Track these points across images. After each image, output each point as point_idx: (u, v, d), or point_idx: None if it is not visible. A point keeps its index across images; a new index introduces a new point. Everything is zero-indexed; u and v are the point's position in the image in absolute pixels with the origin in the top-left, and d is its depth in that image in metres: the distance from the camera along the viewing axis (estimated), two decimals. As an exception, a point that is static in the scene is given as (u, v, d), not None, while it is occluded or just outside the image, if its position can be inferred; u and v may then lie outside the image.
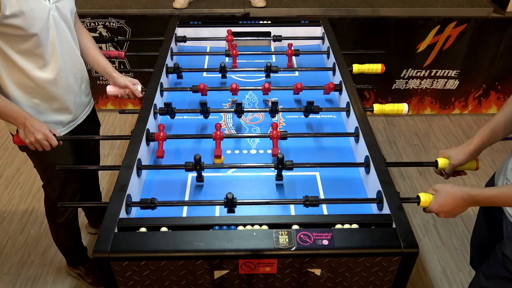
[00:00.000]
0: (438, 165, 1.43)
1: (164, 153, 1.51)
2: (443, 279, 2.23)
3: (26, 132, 1.50)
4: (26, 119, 1.49)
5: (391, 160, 2.95)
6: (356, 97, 1.67)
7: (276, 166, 1.39)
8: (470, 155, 1.40)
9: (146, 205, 1.27)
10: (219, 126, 1.54)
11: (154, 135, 1.51)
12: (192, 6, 2.96)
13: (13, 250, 2.34)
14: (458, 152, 1.40)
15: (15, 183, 2.75)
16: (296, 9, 2.94)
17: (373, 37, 2.98)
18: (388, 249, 1.13)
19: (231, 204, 1.24)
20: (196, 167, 1.38)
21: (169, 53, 2.00)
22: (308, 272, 1.17)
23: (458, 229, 2.48)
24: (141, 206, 1.28)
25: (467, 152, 1.39)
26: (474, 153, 1.40)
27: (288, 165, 1.39)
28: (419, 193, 1.29)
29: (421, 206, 1.29)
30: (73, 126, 1.74)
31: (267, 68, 1.90)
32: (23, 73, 1.50)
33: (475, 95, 3.33)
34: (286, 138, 1.53)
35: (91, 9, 2.88)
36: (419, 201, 1.28)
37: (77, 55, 1.68)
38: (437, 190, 1.27)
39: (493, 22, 2.94)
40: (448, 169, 1.42)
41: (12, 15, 1.37)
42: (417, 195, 1.28)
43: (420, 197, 1.27)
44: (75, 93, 1.69)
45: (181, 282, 1.18)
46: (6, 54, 1.45)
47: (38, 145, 1.53)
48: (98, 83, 3.21)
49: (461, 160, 1.40)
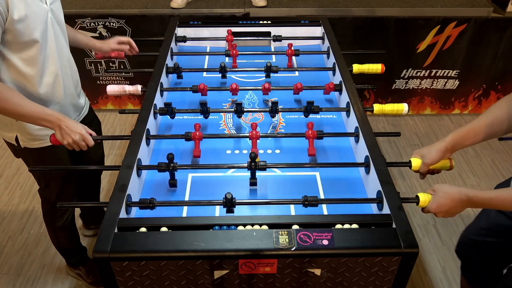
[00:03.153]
0: (412, 165, 1.38)
1: (200, 153, 1.51)
2: (443, 279, 2.23)
3: (63, 134, 1.46)
4: (61, 120, 1.46)
5: (391, 160, 2.95)
6: (356, 97, 1.67)
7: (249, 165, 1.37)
8: (442, 153, 1.35)
9: (145, 205, 1.26)
10: (255, 126, 1.54)
11: (190, 135, 1.51)
12: (192, 6, 2.96)
13: (13, 250, 2.34)
14: (430, 151, 1.36)
15: (15, 183, 2.75)
16: (296, 9, 2.94)
17: (373, 37, 2.98)
18: (388, 249, 1.13)
19: (230, 204, 1.24)
20: (169, 167, 1.37)
21: (169, 53, 2.00)
22: (308, 272, 1.17)
23: (458, 229, 2.48)
24: (140, 206, 1.28)
25: (439, 150, 1.35)
26: (446, 151, 1.36)
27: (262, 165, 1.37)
28: (418, 193, 1.29)
29: (420, 206, 1.29)
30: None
31: (267, 68, 1.90)
32: (26, 79, 1.49)
33: (475, 95, 3.33)
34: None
35: (91, 9, 2.88)
36: (418, 201, 1.27)
37: (70, 57, 1.67)
38: (436, 190, 1.27)
39: (493, 22, 2.94)
40: (421, 168, 1.38)
41: (19, 20, 1.36)
42: (416, 195, 1.28)
43: (419, 197, 1.27)
44: (72, 96, 1.70)
45: (181, 282, 1.18)
46: (10, 60, 1.43)
47: (75, 146, 1.50)
48: (98, 83, 3.21)
49: (433, 158, 1.35)
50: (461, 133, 1.37)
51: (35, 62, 1.48)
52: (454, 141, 1.36)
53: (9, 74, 1.46)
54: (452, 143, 1.36)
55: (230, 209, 1.26)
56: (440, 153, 1.35)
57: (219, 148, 1.60)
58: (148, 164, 1.52)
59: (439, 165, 1.39)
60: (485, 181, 2.82)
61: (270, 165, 1.41)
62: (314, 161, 1.55)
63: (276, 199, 1.38)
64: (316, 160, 1.55)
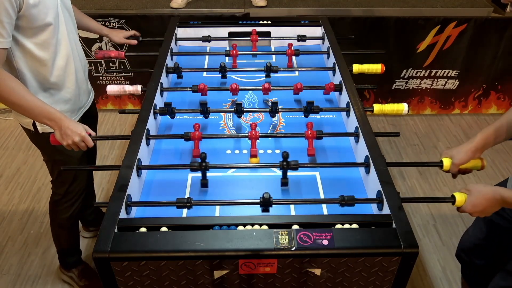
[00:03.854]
0: (443, 165, 1.40)
1: (200, 152, 1.51)
2: (443, 279, 2.23)
3: (63, 135, 1.47)
4: (62, 120, 1.47)
5: (391, 160, 2.95)
6: (356, 97, 1.67)
7: (281, 166, 1.38)
8: (472, 153, 1.38)
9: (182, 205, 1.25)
10: (254, 126, 1.54)
11: (190, 135, 1.51)
12: (192, 6, 2.96)
13: (13, 250, 2.34)
14: (459, 151, 1.38)
15: (15, 183, 2.75)
16: (296, 9, 2.94)
17: (373, 37, 2.98)
18: (388, 249, 1.13)
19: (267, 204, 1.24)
20: (201, 167, 1.36)
21: (169, 53, 2.00)
22: (308, 272, 1.17)
23: (458, 229, 2.48)
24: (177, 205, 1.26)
25: (468, 150, 1.37)
26: (476, 151, 1.38)
27: (293, 165, 1.37)
28: (454, 192, 1.29)
29: (455, 206, 1.29)
30: (80, 114, 1.78)
31: (267, 68, 1.90)
32: (40, 63, 1.53)
33: (475, 95, 3.33)
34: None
35: (91, 9, 2.88)
36: (454, 201, 1.27)
37: (79, 42, 1.73)
38: (470, 190, 1.27)
39: (493, 22, 2.94)
40: (451, 169, 1.40)
41: (34, 5, 1.40)
42: (452, 195, 1.28)
43: (456, 197, 1.27)
44: (81, 80, 1.75)
45: (181, 282, 1.18)
46: (24, 46, 1.47)
47: (75, 147, 1.51)
48: (98, 83, 3.22)
49: (463, 158, 1.38)
50: (489, 133, 1.38)
51: (49, 46, 1.53)
52: (483, 141, 1.38)
53: (24, 59, 1.50)
54: (482, 143, 1.38)
55: (266, 209, 1.26)
56: (470, 153, 1.37)
57: (219, 148, 1.60)
58: (148, 164, 1.52)
59: (470, 165, 1.41)
60: (485, 181, 2.81)
61: (276, 164, 1.40)
62: (314, 161, 1.55)
63: (276, 199, 1.38)
64: (316, 160, 1.55)
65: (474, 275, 1.82)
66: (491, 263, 1.69)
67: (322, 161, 1.53)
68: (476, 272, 1.78)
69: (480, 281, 1.79)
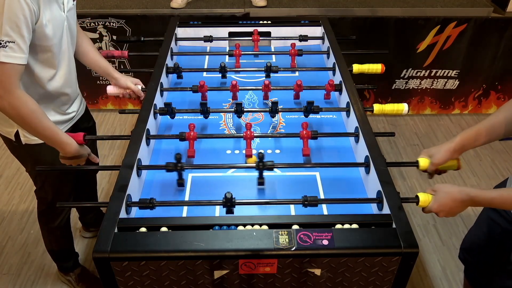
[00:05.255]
0: (419, 165, 1.39)
1: (195, 153, 1.51)
2: (443, 279, 2.23)
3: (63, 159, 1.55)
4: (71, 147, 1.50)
5: (391, 160, 2.95)
6: (356, 97, 1.67)
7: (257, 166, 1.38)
8: (450, 153, 1.36)
9: (145, 205, 1.26)
10: (249, 126, 1.54)
11: (185, 135, 1.51)
12: (192, 6, 2.97)
13: (13, 250, 2.34)
14: (438, 151, 1.37)
15: (15, 183, 2.75)
16: (296, 9, 2.94)
17: (373, 37, 2.98)
18: (388, 249, 1.13)
19: (230, 204, 1.24)
20: (177, 167, 1.37)
21: (169, 53, 2.00)
22: (308, 272, 1.17)
23: (458, 229, 2.48)
24: (140, 206, 1.28)
25: (447, 150, 1.36)
26: (454, 152, 1.36)
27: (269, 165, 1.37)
28: (418, 193, 1.29)
29: (420, 206, 1.29)
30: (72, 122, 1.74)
31: (267, 68, 1.90)
32: (38, 81, 1.50)
33: (475, 95, 3.33)
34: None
35: (91, 9, 2.88)
36: (418, 201, 1.27)
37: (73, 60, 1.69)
38: (436, 190, 1.27)
39: (493, 22, 2.94)
40: (429, 168, 1.39)
41: (46, 24, 1.39)
42: (416, 195, 1.28)
43: (419, 197, 1.27)
44: (76, 92, 1.72)
45: (181, 282, 1.18)
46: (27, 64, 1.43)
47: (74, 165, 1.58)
48: (98, 83, 3.22)
49: (442, 158, 1.36)
50: (469, 134, 1.37)
51: (50, 65, 1.51)
52: (462, 142, 1.36)
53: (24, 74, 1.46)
54: (461, 143, 1.36)
55: (230, 209, 1.25)
56: (448, 153, 1.36)
57: (219, 148, 1.60)
58: (148, 164, 1.52)
59: (446, 165, 1.40)
60: (485, 181, 2.82)
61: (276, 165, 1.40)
62: (309, 161, 1.54)
63: (275, 199, 1.38)
64: (312, 160, 1.55)
65: (477, 276, 1.81)
66: (494, 263, 1.69)
67: (322, 161, 1.53)
68: (479, 272, 1.78)
69: (483, 281, 1.79)
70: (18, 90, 1.35)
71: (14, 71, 1.32)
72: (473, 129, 1.37)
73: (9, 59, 1.29)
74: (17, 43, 1.30)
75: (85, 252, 2.30)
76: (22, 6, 1.28)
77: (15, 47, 1.29)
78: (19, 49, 1.31)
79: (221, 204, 1.25)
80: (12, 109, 1.36)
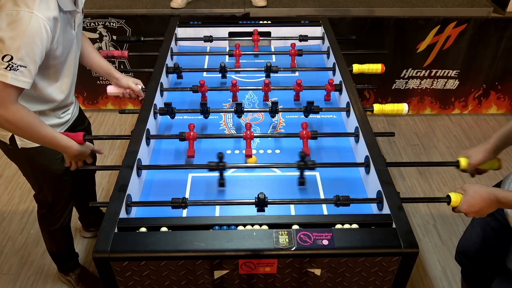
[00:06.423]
0: (460, 165, 1.42)
1: (195, 153, 1.51)
2: (443, 279, 2.23)
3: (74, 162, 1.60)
4: (74, 150, 1.51)
5: (391, 160, 2.95)
6: (356, 97, 1.67)
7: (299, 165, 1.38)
8: (488, 153, 1.39)
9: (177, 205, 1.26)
10: (249, 126, 1.54)
11: (184, 135, 1.51)
12: (192, 6, 2.96)
13: (13, 250, 2.34)
14: (476, 151, 1.40)
15: (15, 183, 2.75)
16: (296, 9, 2.94)
17: (373, 37, 2.98)
18: (388, 249, 1.13)
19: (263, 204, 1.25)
20: (219, 167, 1.37)
21: (169, 53, 2.00)
22: (308, 272, 1.17)
23: (458, 229, 2.48)
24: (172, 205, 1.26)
25: (485, 151, 1.39)
26: (492, 152, 1.39)
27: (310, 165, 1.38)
28: (449, 192, 1.29)
29: (451, 206, 1.29)
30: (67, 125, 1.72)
31: (267, 68, 1.90)
32: (38, 92, 1.50)
33: (475, 95, 3.33)
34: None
35: (91, 9, 2.88)
36: (450, 201, 1.28)
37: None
38: (466, 190, 1.27)
39: (493, 22, 2.94)
40: (468, 169, 1.42)
41: (57, 46, 1.40)
42: (447, 195, 1.28)
43: (451, 197, 1.27)
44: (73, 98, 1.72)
45: (181, 282, 1.18)
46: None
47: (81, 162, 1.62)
48: (98, 83, 3.22)
49: (479, 158, 1.39)
50: (504, 133, 1.40)
51: (52, 78, 1.52)
52: (498, 141, 1.39)
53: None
54: (497, 143, 1.39)
55: (261, 209, 1.26)
56: (485, 153, 1.39)
57: (219, 148, 1.59)
58: (148, 164, 1.52)
59: (486, 166, 1.43)
60: (485, 181, 2.81)
61: (269, 165, 1.41)
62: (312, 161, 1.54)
63: (276, 199, 1.38)
64: (316, 160, 1.55)
65: (474, 277, 1.81)
66: (490, 265, 1.69)
67: (322, 161, 1.53)
68: (476, 274, 1.78)
69: (481, 283, 1.79)
70: (15, 105, 1.34)
71: (16, 92, 1.33)
72: (507, 127, 1.40)
73: (15, 82, 1.29)
74: (28, 69, 1.30)
75: (85, 252, 2.30)
76: (42, 34, 1.29)
77: (25, 72, 1.30)
78: (28, 74, 1.31)
79: (253, 204, 1.25)
80: (8, 124, 1.36)
